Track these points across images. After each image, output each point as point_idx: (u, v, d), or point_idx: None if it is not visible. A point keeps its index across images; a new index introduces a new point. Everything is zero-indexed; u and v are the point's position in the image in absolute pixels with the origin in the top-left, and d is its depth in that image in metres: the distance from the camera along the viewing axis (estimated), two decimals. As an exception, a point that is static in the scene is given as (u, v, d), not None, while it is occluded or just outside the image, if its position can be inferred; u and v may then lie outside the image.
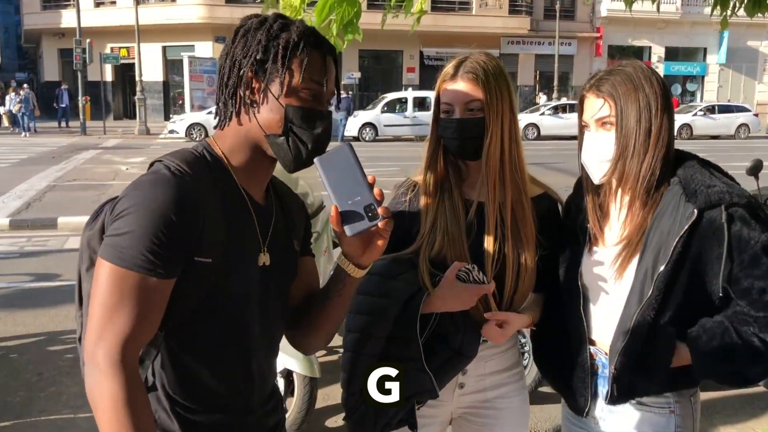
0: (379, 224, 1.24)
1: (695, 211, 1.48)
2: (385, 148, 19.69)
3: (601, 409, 1.70)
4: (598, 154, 1.61)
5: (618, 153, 1.58)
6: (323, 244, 3.80)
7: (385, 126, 23.01)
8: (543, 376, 1.90)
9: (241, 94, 1.26)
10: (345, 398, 1.74)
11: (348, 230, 1.23)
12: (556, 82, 28.32)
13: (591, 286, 1.68)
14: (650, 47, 30.95)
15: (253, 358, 1.33)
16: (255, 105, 1.26)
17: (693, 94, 32.41)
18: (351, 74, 27.10)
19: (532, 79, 30.75)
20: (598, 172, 1.62)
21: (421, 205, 1.74)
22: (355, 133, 22.58)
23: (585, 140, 1.65)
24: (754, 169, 4.22)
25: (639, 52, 31.11)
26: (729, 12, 3.10)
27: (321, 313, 1.42)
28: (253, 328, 1.31)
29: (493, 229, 1.69)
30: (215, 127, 1.33)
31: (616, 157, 1.58)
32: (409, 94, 23.78)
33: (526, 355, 3.58)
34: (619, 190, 1.66)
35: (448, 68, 1.71)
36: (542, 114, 24.08)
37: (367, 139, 22.54)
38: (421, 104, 23.13)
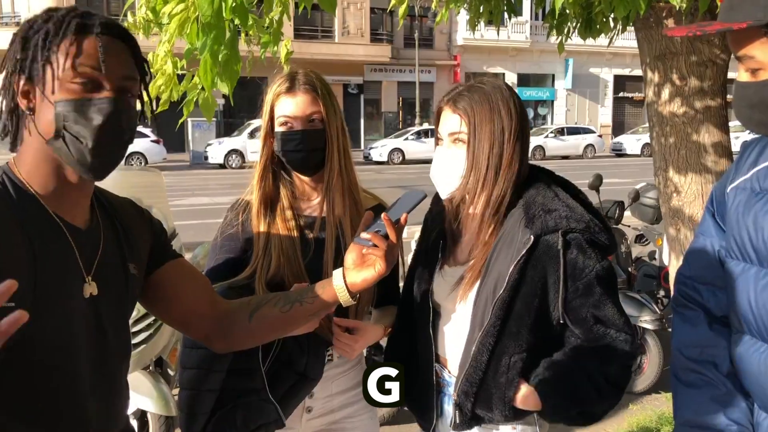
0: (369, 251, 1.30)
1: (531, 237, 1.46)
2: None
3: (448, 426, 1.67)
4: (447, 170, 1.58)
5: (467, 172, 1.54)
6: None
7: (252, 152, 22.64)
8: None
9: (18, 102, 1.11)
10: None
11: (356, 235, 1.33)
12: (418, 109, 29.19)
13: (441, 305, 1.66)
14: (504, 74, 32.69)
15: (87, 404, 1.16)
16: (32, 110, 1.11)
17: (544, 117, 34.50)
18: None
19: (396, 105, 31.51)
20: (445, 188, 1.60)
21: (253, 225, 1.69)
22: (220, 161, 22.07)
23: (436, 154, 1.62)
24: (595, 183, 4.53)
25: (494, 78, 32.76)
26: (564, 37, 3.31)
27: (280, 315, 1.35)
28: (82, 370, 1.15)
29: (332, 243, 1.68)
30: (11, 150, 1.18)
31: (465, 175, 1.55)
32: (276, 121, 23.59)
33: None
34: (471, 209, 1.64)
35: (282, 82, 1.70)
36: (406, 139, 24.72)
37: (234, 166, 22.09)
38: (287, 130, 22.96)
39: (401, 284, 1.83)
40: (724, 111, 2.99)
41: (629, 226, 4.95)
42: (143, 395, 2.96)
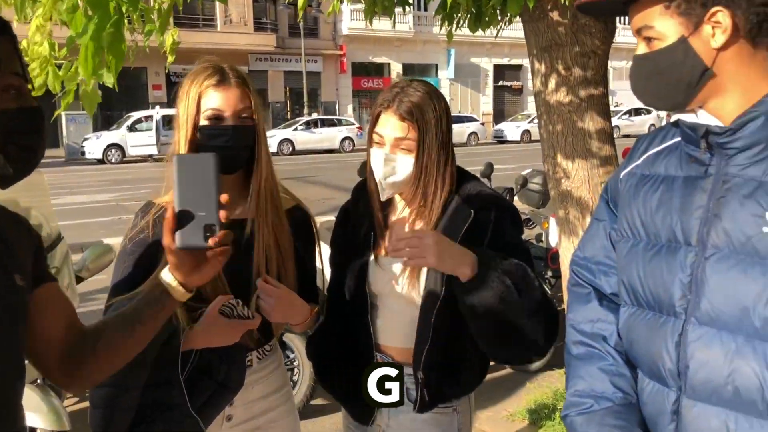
0: (215, 250, 1.14)
1: (471, 212, 1.59)
2: (134, 169, 18.57)
3: (387, 415, 1.71)
4: (394, 174, 1.61)
5: (418, 176, 1.61)
6: (64, 279, 3.41)
7: (133, 146, 21.73)
8: (325, 388, 1.86)
9: None
10: None
11: (178, 240, 1.12)
12: (306, 99, 28.99)
13: (380, 295, 1.68)
14: (389, 64, 33.08)
15: None
16: None
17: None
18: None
19: (283, 95, 31.15)
20: (389, 190, 1.64)
21: None
22: (99, 156, 21.00)
23: (377, 156, 1.63)
24: (486, 171, 4.67)
25: (380, 69, 33.10)
26: (454, 27, 3.37)
27: (126, 342, 1.22)
28: None
29: (262, 246, 1.62)
30: None
31: (415, 180, 1.61)
32: (157, 113, 22.72)
33: (296, 371, 3.54)
34: (404, 202, 1.70)
35: (211, 74, 1.58)
36: (295, 129, 24.51)
37: (113, 160, 21.09)
38: (170, 123, 22.20)
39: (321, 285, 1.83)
40: (605, 99, 3.16)
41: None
42: (32, 411, 2.77)
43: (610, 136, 3.17)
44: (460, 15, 3.33)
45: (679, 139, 1.27)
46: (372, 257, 1.70)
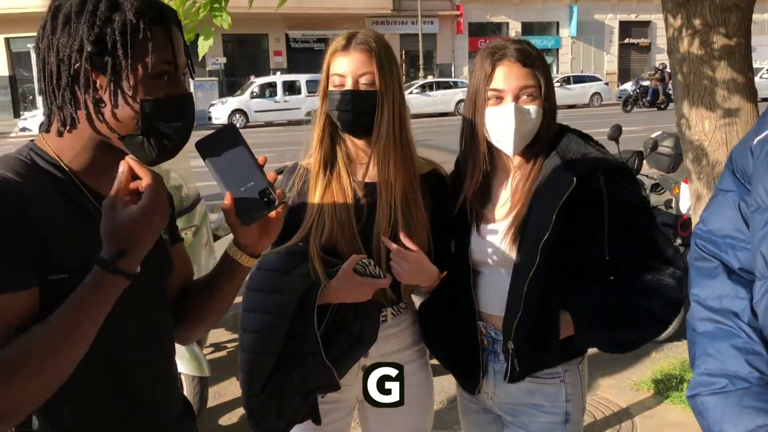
0: (278, 210, 1.16)
1: (574, 179, 1.50)
2: (258, 134, 19.29)
3: (493, 384, 1.71)
4: (520, 126, 1.57)
5: (542, 125, 1.60)
6: (203, 237, 3.65)
7: (256, 112, 22.56)
8: (433, 354, 1.89)
9: (81, 93, 1.07)
10: (246, 400, 1.66)
11: (245, 220, 1.15)
12: (421, 61, 28.83)
13: (481, 263, 1.69)
14: (507, 23, 32.19)
15: (137, 371, 1.17)
16: (101, 104, 1.07)
17: (549, 66, 34.12)
18: (215, 59, 26.30)
19: (398, 58, 31.05)
20: (518, 145, 1.60)
21: (310, 188, 1.68)
22: (224, 121, 21.99)
23: (503, 113, 1.57)
24: (614, 134, 4.49)
25: (498, 28, 32.27)
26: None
27: (208, 305, 1.31)
28: (131, 338, 1.15)
29: (386, 210, 1.65)
30: (42, 129, 1.15)
31: (539, 130, 1.60)
32: (279, 78, 23.41)
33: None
34: (504, 165, 1.68)
35: (339, 40, 1.65)
36: (411, 93, 24.50)
37: (238, 125, 21.98)
38: (291, 88, 22.85)
39: None
40: (748, 56, 2.95)
41: (646, 176, 4.94)
42: (176, 357, 3.01)
43: (753, 96, 2.96)
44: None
45: None
46: (474, 225, 1.69)
